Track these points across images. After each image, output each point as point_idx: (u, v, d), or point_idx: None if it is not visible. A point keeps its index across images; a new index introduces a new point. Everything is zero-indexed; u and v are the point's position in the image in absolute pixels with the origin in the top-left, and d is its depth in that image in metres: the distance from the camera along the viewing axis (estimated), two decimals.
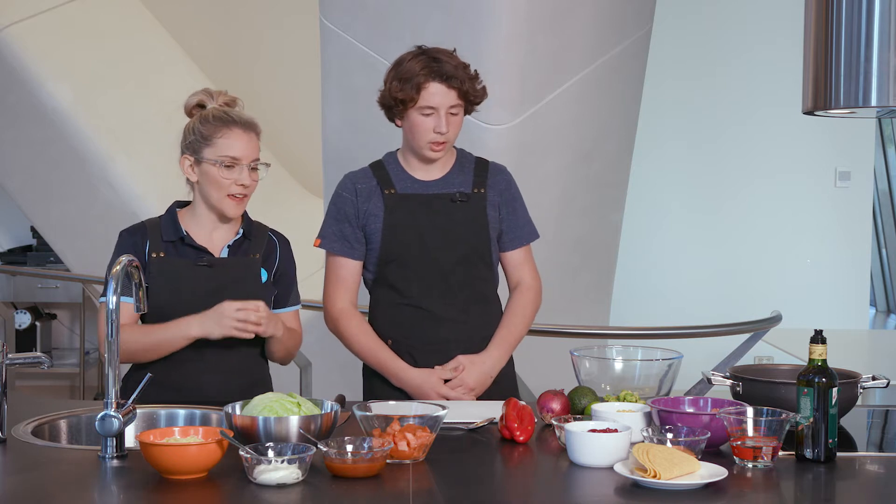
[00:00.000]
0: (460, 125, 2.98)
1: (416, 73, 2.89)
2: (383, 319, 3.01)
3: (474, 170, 3.04)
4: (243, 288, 2.79)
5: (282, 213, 5.47)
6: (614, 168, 5.33)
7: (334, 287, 3.05)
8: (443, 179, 3.00)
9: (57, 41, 6.06)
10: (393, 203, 2.96)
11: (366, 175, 3.02)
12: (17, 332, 7.08)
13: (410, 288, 2.96)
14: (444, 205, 2.97)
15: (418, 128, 2.92)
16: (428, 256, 2.94)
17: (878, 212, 10.07)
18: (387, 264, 2.98)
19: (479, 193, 3.00)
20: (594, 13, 4.71)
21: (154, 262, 2.76)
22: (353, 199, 2.99)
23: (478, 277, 2.99)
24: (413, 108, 2.91)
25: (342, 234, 3.00)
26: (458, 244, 2.95)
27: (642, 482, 2.05)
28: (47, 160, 6.02)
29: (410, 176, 3.00)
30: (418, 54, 2.93)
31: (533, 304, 3.07)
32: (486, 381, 2.93)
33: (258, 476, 2.04)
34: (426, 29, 4.37)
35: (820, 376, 2.24)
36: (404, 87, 2.90)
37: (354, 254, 3.01)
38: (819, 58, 2.58)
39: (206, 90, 2.87)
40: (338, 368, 5.11)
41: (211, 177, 2.76)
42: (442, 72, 2.89)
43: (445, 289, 2.95)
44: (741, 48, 7.18)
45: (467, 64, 2.96)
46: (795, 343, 4.92)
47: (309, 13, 5.42)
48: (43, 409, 2.61)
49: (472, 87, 2.94)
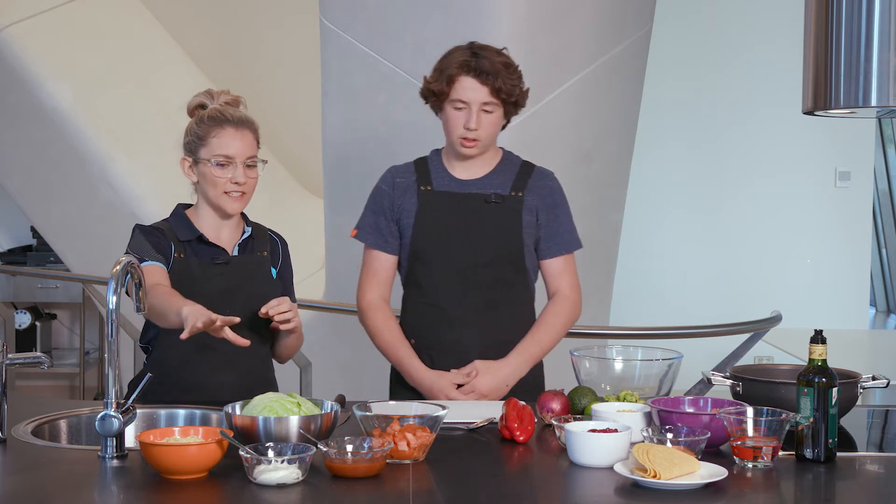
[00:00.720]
0: (496, 125, 2.92)
1: (451, 65, 2.86)
2: (409, 318, 2.99)
3: (517, 172, 2.98)
4: (257, 285, 2.83)
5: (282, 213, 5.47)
6: (614, 168, 5.32)
7: (366, 279, 3.02)
8: (482, 180, 2.96)
9: (57, 41, 6.06)
10: (426, 199, 2.94)
11: (407, 170, 3.00)
12: (17, 332, 7.08)
13: (432, 287, 2.93)
14: (477, 205, 2.92)
15: (450, 122, 2.89)
16: (451, 256, 2.91)
17: (878, 212, 10.07)
18: (415, 261, 2.95)
19: (517, 196, 2.94)
20: (594, 13, 4.71)
21: (176, 263, 2.78)
22: (390, 192, 2.97)
23: (504, 281, 2.93)
24: (447, 102, 2.88)
25: (377, 226, 2.99)
26: (485, 246, 2.90)
27: (642, 482, 2.05)
28: (47, 160, 6.01)
29: (450, 174, 2.97)
30: (463, 48, 2.89)
31: (565, 315, 2.98)
32: (501, 388, 2.86)
33: (258, 476, 2.04)
34: (426, 29, 4.37)
35: (820, 376, 2.24)
36: (438, 78, 2.88)
37: (388, 247, 2.98)
38: (819, 58, 2.58)
39: (209, 91, 2.89)
40: (338, 368, 5.12)
41: (207, 176, 2.78)
42: (477, 67, 2.84)
43: (465, 290, 2.91)
44: (741, 48, 7.17)
45: (513, 64, 2.90)
46: (795, 343, 4.92)
47: (309, 13, 5.41)
48: (43, 409, 2.61)
49: (510, 86, 2.87)
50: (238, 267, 2.83)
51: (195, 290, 2.76)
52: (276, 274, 2.90)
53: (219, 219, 2.84)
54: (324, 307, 4.83)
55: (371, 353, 3.08)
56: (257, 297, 2.80)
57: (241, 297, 2.79)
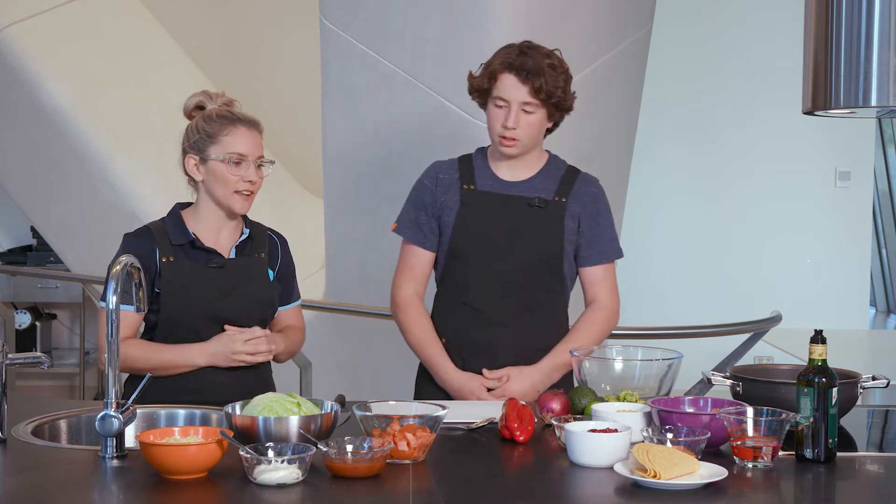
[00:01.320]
0: (537, 126, 2.87)
1: (496, 62, 2.84)
2: (441, 317, 2.95)
3: (562, 177, 2.94)
4: (253, 288, 2.81)
5: (282, 213, 5.48)
6: (614, 168, 5.32)
7: (401, 274, 2.99)
8: (526, 182, 2.92)
9: (57, 41, 6.06)
10: (469, 198, 2.91)
11: (451, 166, 2.97)
12: (17, 332, 7.08)
13: (468, 287, 2.89)
14: (520, 208, 2.89)
15: (491, 119, 2.87)
16: (491, 257, 2.87)
17: (878, 212, 10.07)
18: (453, 260, 2.92)
19: (560, 202, 2.90)
20: (594, 13, 4.71)
21: (165, 267, 2.76)
22: (433, 188, 2.94)
23: (541, 286, 2.89)
24: (489, 99, 2.86)
25: (417, 221, 2.96)
26: (526, 250, 2.87)
27: (642, 482, 2.05)
28: (47, 160, 6.02)
29: (494, 174, 2.93)
30: (513, 46, 2.86)
31: (603, 324, 2.95)
32: (531, 394, 2.82)
33: (258, 476, 2.04)
34: (426, 29, 4.37)
35: (820, 376, 2.24)
36: (482, 74, 2.86)
37: (426, 243, 2.95)
38: (819, 58, 2.58)
39: (205, 92, 2.88)
40: (338, 368, 5.12)
41: (218, 174, 2.76)
42: (520, 65, 2.80)
43: (502, 293, 2.87)
44: (741, 48, 7.17)
45: (561, 66, 2.85)
46: (795, 343, 4.92)
47: (309, 13, 5.41)
48: (43, 409, 2.61)
49: (552, 87, 2.82)
50: (233, 270, 2.81)
51: (188, 293, 2.75)
52: (274, 275, 2.89)
53: (220, 219, 2.82)
54: (324, 307, 4.83)
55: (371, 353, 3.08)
56: (253, 300, 2.80)
57: (237, 300, 2.78)
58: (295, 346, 2.94)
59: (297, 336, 2.94)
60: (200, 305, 2.75)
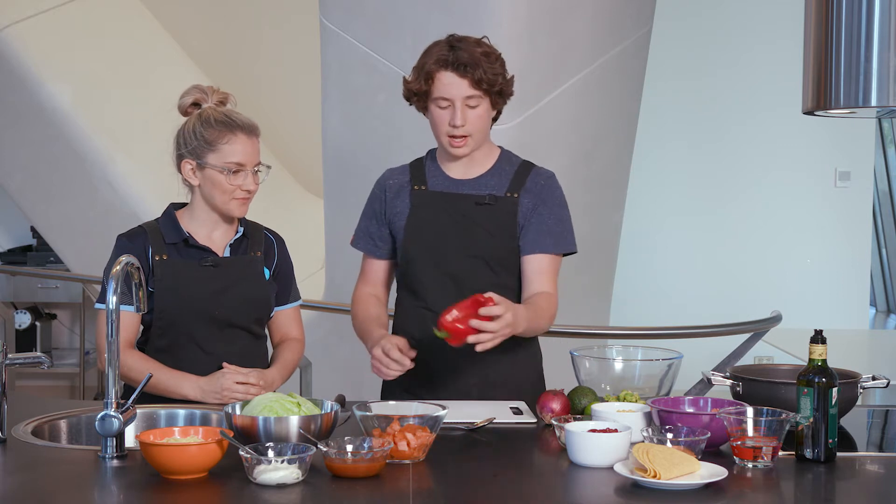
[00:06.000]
0: (484, 118, 2.77)
1: (428, 62, 2.75)
2: (401, 321, 2.88)
3: (515, 172, 2.85)
4: (248, 287, 2.80)
5: (282, 213, 5.48)
6: (614, 168, 5.33)
7: (359, 281, 2.97)
8: (477, 180, 2.84)
9: (57, 41, 6.07)
10: (419, 200, 2.84)
11: (402, 171, 2.91)
12: (17, 332, 7.08)
13: (425, 290, 2.82)
14: (470, 206, 2.80)
15: (435, 121, 2.77)
16: (443, 258, 2.80)
17: (878, 212, 10.06)
18: (406, 264, 2.85)
19: (512, 198, 2.81)
20: (594, 13, 4.71)
21: (158, 266, 2.75)
22: (381, 195, 2.90)
23: (497, 285, 2.74)
24: (430, 101, 2.76)
25: (368, 231, 2.92)
26: (478, 249, 2.79)
27: (642, 482, 2.05)
28: (47, 160, 6.02)
29: (444, 174, 2.86)
30: (441, 42, 2.77)
31: (553, 309, 2.79)
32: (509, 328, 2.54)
33: (258, 476, 2.04)
34: (426, 29, 4.37)
35: (820, 376, 2.24)
36: (417, 77, 2.77)
37: (378, 252, 2.91)
38: (819, 58, 2.58)
39: (199, 87, 2.82)
40: (338, 368, 5.12)
41: (216, 182, 2.74)
42: (455, 60, 2.71)
43: (457, 293, 2.72)
44: (741, 48, 7.18)
45: (493, 52, 2.76)
46: (795, 343, 4.92)
47: (309, 13, 5.42)
48: (43, 409, 2.61)
49: (492, 75, 2.72)
50: (228, 268, 2.79)
51: (182, 291, 2.74)
52: (270, 274, 2.87)
53: (215, 220, 2.81)
54: (324, 307, 4.83)
55: None
56: (248, 299, 2.78)
57: (231, 299, 2.76)
58: (293, 367, 2.90)
59: (295, 355, 2.90)
60: (194, 304, 2.73)
